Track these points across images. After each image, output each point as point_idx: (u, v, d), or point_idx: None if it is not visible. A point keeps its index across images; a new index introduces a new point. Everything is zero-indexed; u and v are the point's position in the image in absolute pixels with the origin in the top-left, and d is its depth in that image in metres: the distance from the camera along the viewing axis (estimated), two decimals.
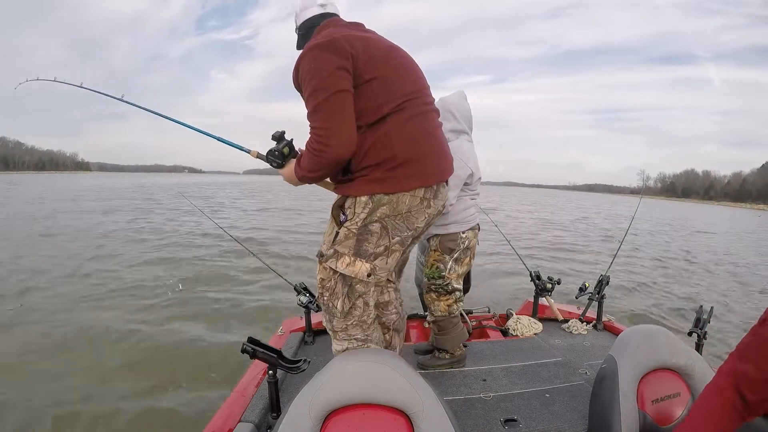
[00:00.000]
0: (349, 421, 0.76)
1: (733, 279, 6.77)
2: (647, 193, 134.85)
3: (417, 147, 1.08)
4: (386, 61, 1.08)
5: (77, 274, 4.85)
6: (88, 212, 11.62)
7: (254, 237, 7.88)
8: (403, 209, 1.08)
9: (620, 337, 1.05)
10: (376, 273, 1.12)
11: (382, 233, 1.09)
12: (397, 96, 1.07)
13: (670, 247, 9.97)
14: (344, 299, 1.14)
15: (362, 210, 1.07)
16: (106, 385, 2.39)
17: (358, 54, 1.02)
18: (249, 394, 1.28)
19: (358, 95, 1.03)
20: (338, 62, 1.00)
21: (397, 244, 1.12)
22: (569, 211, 22.67)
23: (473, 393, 1.41)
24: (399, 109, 1.06)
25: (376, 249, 1.10)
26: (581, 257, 7.76)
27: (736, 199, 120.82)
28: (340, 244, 1.11)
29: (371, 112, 1.04)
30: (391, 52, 1.11)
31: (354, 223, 1.09)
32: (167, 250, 6.32)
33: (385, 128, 1.05)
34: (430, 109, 1.18)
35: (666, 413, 0.95)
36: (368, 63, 1.03)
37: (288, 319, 2.00)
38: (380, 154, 1.04)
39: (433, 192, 1.13)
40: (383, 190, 1.05)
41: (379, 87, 1.04)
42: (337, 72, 1.00)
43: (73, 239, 7.16)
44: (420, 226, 1.15)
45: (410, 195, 1.08)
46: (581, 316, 2.09)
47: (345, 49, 1.01)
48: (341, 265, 1.11)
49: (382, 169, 1.05)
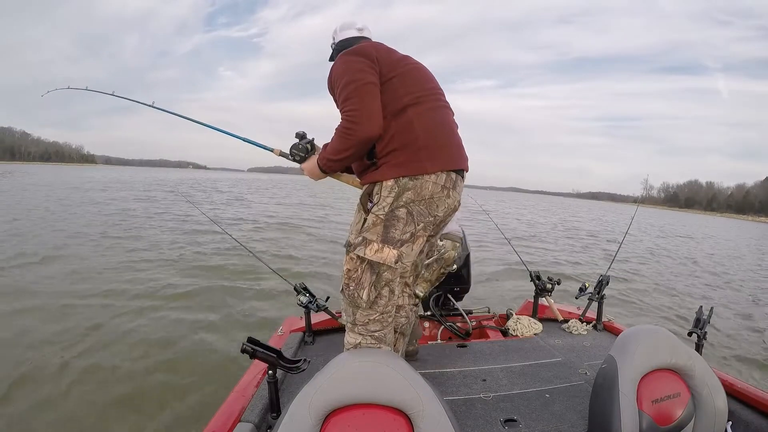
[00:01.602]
0: (349, 421, 0.76)
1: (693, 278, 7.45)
2: (650, 203, 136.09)
3: (436, 134, 1.19)
4: (404, 63, 1.25)
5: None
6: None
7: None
8: (426, 195, 1.16)
9: (620, 337, 1.05)
10: (402, 260, 1.17)
11: (408, 219, 1.15)
12: (415, 90, 1.21)
13: (639, 247, 11.08)
14: (370, 288, 1.18)
15: (388, 194, 1.15)
16: (105, 380, 2.40)
17: (382, 57, 1.21)
18: (249, 394, 1.28)
19: (382, 91, 1.17)
20: (366, 62, 1.18)
21: (421, 230, 1.19)
22: (553, 213, 24.32)
23: (473, 393, 1.41)
24: (418, 101, 1.19)
25: (402, 236, 1.16)
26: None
27: (739, 210, 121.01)
28: (368, 231, 1.17)
29: (393, 103, 1.17)
30: (406, 58, 1.29)
31: (381, 208, 1.16)
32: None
33: (407, 116, 1.17)
34: (444, 105, 1.31)
35: (666, 413, 0.95)
36: (389, 65, 1.20)
37: (288, 319, 2.00)
38: (403, 138, 1.16)
39: (452, 182, 1.21)
40: (408, 173, 1.14)
41: (399, 82, 1.19)
42: (366, 68, 1.17)
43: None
44: (439, 215, 1.22)
45: (432, 182, 1.16)
46: (581, 316, 2.10)
47: (371, 53, 1.20)
48: (370, 252, 1.15)
49: (405, 153, 1.15)
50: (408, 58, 1.29)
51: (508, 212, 23.01)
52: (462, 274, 2.08)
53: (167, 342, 3.01)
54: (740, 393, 1.27)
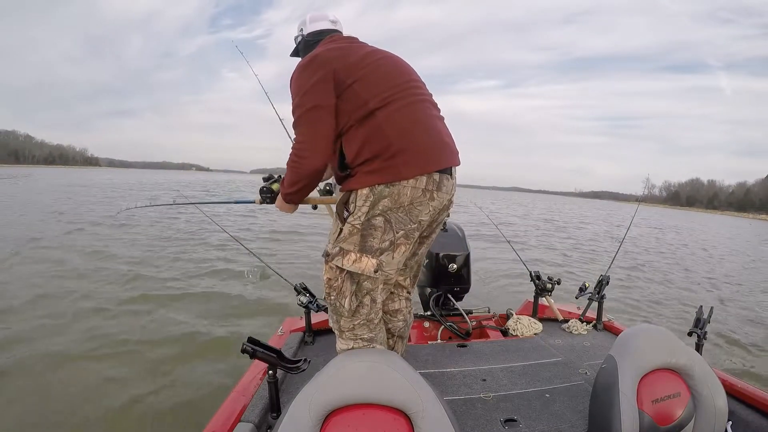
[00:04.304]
0: (349, 421, 0.76)
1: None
2: (651, 201, 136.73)
3: (411, 135, 1.10)
4: (364, 64, 1.14)
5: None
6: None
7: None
8: (405, 201, 1.09)
9: (620, 337, 1.05)
10: (383, 269, 1.13)
11: (386, 227, 1.10)
12: (382, 90, 1.11)
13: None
14: (351, 297, 1.16)
15: (364, 203, 1.09)
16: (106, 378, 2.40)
17: (339, 62, 1.12)
18: (249, 394, 1.28)
19: (344, 99, 1.10)
20: (316, 77, 1.10)
21: (402, 238, 1.13)
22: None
23: (473, 393, 1.41)
24: (386, 101, 1.11)
25: (381, 244, 1.11)
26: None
27: (740, 208, 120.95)
28: (345, 241, 1.13)
29: (358, 109, 1.10)
30: (369, 55, 1.17)
31: (357, 218, 1.11)
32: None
33: (376, 121, 1.09)
34: (422, 98, 1.20)
35: (666, 413, 0.95)
36: (348, 69, 1.11)
37: (288, 319, 2.00)
38: (375, 145, 1.08)
39: (435, 183, 1.12)
40: (383, 180, 1.08)
41: (361, 86, 1.10)
42: (315, 87, 1.10)
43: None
44: (424, 220, 1.15)
45: (411, 187, 1.09)
46: (581, 316, 2.09)
47: (326, 62, 1.11)
48: (347, 263, 1.12)
49: (379, 160, 1.08)
50: (375, 53, 1.19)
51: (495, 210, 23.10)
52: (462, 274, 2.08)
53: (166, 342, 3.01)
54: (740, 393, 1.27)
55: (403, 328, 1.43)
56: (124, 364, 2.65)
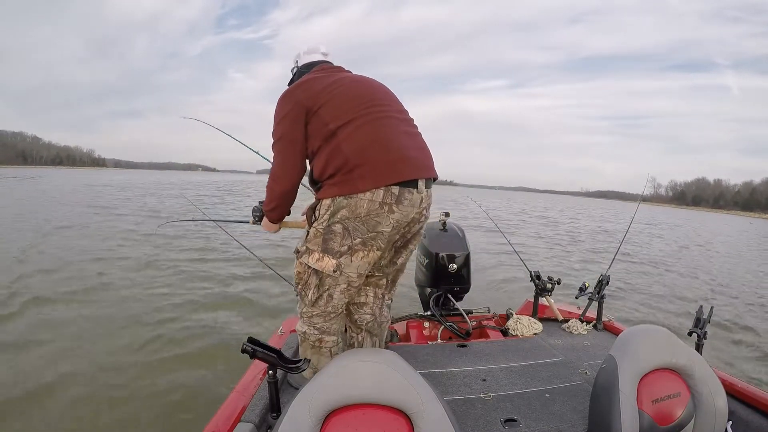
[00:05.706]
0: (349, 421, 0.76)
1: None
2: (657, 201, 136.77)
3: (367, 151, 1.19)
4: (328, 90, 1.25)
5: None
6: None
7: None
8: (361, 213, 1.19)
9: (620, 337, 1.05)
10: (343, 270, 1.25)
11: (344, 234, 1.22)
12: (344, 112, 1.22)
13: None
14: (314, 290, 1.31)
15: (325, 212, 1.23)
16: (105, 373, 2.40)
17: (306, 93, 1.24)
18: (249, 394, 1.28)
19: (312, 123, 1.24)
20: (284, 111, 1.25)
21: (360, 245, 1.23)
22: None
23: (473, 393, 1.41)
24: (347, 122, 1.21)
25: (340, 248, 1.23)
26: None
27: (745, 207, 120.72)
28: (310, 241, 1.28)
29: (322, 131, 1.22)
30: (336, 82, 1.28)
31: (320, 223, 1.25)
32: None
33: (336, 141, 1.21)
34: (387, 115, 1.28)
35: (666, 413, 0.95)
36: (313, 97, 1.23)
37: (288, 319, 2.00)
38: (336, 162, 1.20)
39: (393, 197, 1.19)
40: (341, 193, 1.20)
41: (324, 111, 1.22)
42: (283, 120, 1.25)
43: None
44: (386, 230, 1.23)
45: (368, 200, 1.18)
46: (581, 316, 2.09)
47: (296, 95, 1.25)
48: (312, 261, 1.27)
49: (339, 174, 1.20)
50: (342, 79, 1.30)
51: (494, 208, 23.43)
52: (462, 274, 2.08)
53: (165, 342, 3.01)
54: (740, 393, 1.27)
55: (371, 322, 1.49)
56: (124, 364, 2.65)
